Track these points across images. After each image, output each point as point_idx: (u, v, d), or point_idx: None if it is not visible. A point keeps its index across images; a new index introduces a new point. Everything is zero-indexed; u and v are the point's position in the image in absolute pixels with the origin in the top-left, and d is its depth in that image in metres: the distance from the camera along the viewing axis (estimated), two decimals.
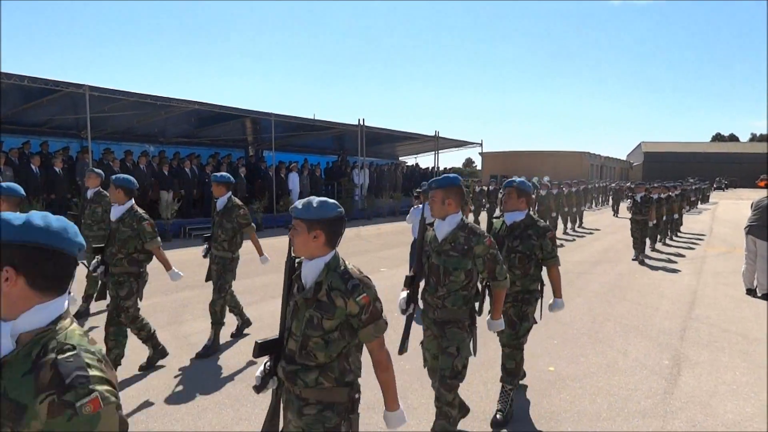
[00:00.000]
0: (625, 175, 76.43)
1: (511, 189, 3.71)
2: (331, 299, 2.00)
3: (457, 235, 3.05)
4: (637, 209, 10.71)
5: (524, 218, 3.71)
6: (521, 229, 3.70)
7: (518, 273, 3.68)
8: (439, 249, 3.11)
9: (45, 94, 12.47)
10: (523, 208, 3.71)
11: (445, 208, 3.06)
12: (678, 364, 4.88)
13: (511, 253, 3.67)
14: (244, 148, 21.63)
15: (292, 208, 2.09)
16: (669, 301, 7.34)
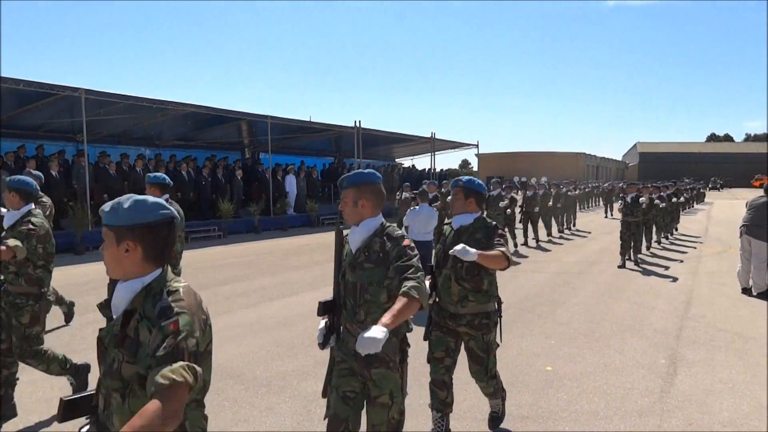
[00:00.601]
0: (621, 175, 76.72)
1: (457, 189, 3.28)
2: (137, 334, 1.49)
3: (373, 242, 2.40)
4: (628, 210, 10.16)
5: (473, 222, 3.27)
6: (469, 234, 3.24)
7: (469, 287, 3.19)
8: (353, 262, 2.42)
9: (41, 97, 12.46)
10: (472, 210, 3.28)
11: (358, 211, 2.44)
12: (674, 363, 4.90)
13: (458, 263, 3.17)
14: (240, 151, 21.63)
15: (100, 211, 1.65)
16: (665, 300, 7.38)
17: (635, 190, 10.56)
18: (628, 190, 10.83)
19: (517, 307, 6.88)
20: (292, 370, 4.64)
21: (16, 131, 14.66)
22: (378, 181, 2.55)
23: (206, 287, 7.97)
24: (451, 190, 3.36)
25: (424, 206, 7.14)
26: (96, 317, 6.32)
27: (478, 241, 3.15)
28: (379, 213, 2.52)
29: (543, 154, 66.52)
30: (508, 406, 3.93)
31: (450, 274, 3.23)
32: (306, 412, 3.84)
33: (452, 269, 3.21)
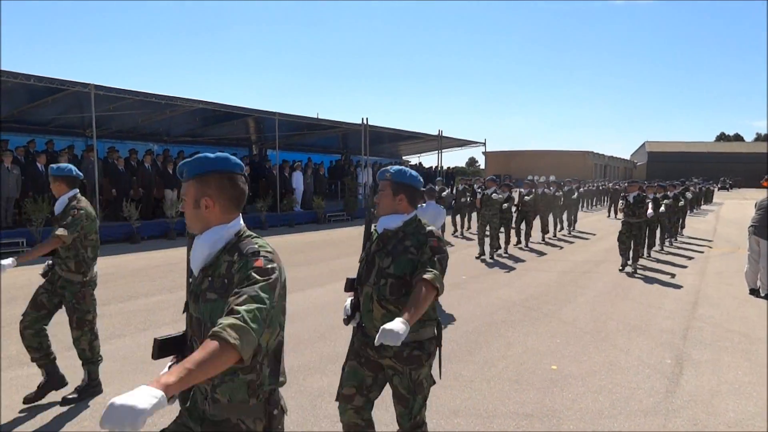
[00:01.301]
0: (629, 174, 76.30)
1: (384, 183, 2.59)
2: None
3: (219, 261, 1.72)
4: (630, 210, 9.53)
5: (403, 225, 2.55)
6: (397, 241, 2.54)
7: (395, 310, 2.44)
8: (196, 289, 1.76)
9: (51, 93, 12.55)
10: (403, 209, 2.56)
11: (201, 215, 1.74)
12: (680, 363, 4.89)
13: (380, 279, 2.50)
14: (248, 147, 21.72)
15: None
16: (672, 300, 7.35)
17: (637, 188, 9.89)
18: (630, 188, 10.00)
19: (523, 306, 6.89)
20: (298, 366, 4.67)
21: (26, 126, 14.81)
22: (231, 169, 1.78)
23: None
24: (379, 182, 2.65)
25: (431, 204, 7.12)
26: (106, 311, 6.38)
27: (406, 251, 2.48)
28: (234, 217, 1.77)
29: (550, 153, 66.28)
30: (513, 404, 3.95)
31: (371, 292, 2.53)
32: (312, 407, 3.87)
33: (374, 286, 2.52)
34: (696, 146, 79.74)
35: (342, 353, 4.98)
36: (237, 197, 1.78)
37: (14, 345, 5.15)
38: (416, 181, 2.62)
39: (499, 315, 6.44)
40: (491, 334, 5.67)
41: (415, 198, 2.62)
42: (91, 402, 3.92)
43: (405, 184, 2.58)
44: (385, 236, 2.59)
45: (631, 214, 9.50)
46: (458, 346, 5.24)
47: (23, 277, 8.50)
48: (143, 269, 8.95)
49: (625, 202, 9.71)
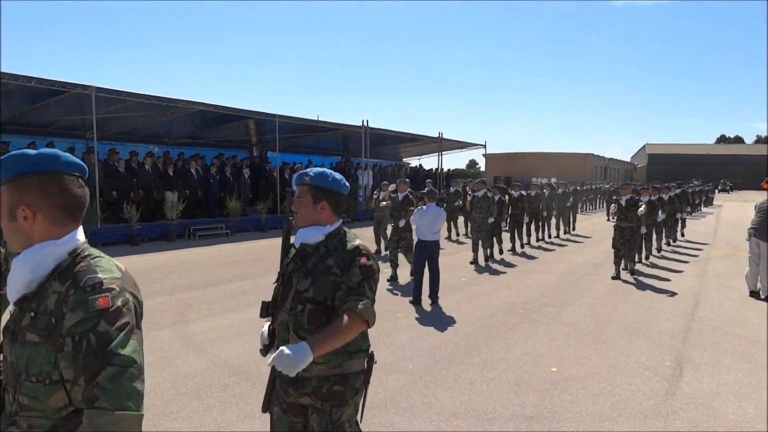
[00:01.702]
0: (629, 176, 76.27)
1: (303, 188, 2.17)
2: None
3: (45, 290, 1.31)
4: (622, 214, 9.04)
5: (326, 239, 2.14)
6: (318, 258, 2.12)
7: None
8: (15, 327, 1.33)
9: (51, 95, 12.58)
10: (325, 219, 2.15)
11: (19, 229, 1.34)
12: (680, 365, 4.89)
13: (297, 304, 2.08)
14: (248, 149, 21.73)
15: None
16: (672, 302, 7.35)
17: (630, 191, 9.41)
18: (623, 191, 9.45)
19: (523, 308, 6.89)
20: None
21: (27, 128, 14.83)
22: (59, 169, 1.35)
23: (213, 284, 8.03)
24: (296, 187, 2.23)
25: (431, 206, 7.14)
26: None
27: (328, 271, 2.07)
28: (67, 231, 1.36)
29: (550, 155, 66.25)
30: (513, 407, 3.95)
31: (287, 320, 2.10)
32: None
33: (290, 313, 2.09)
34: (696, 148, 79.77)
35: None
36: (70, 205, 1.34)
37: None
38: (341, 185, 2.21)
39: (499, 317, 6.45)
40: (491, 337, 5.68)
41: (340, 205, 2.21)
42: None
43: (327, 189, 2.16)
44: (303, 252, 2.16)
45: (624, 219, 9.05)
46: (458, 349, 5.24)
47: None
48: (144, 271, 8.96)
49: (618, 205, 9.23)
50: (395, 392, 4.18)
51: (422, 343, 5.43)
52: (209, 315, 6.41)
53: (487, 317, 6.44)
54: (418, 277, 6.98)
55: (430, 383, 4.37)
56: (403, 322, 6.22)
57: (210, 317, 6.32)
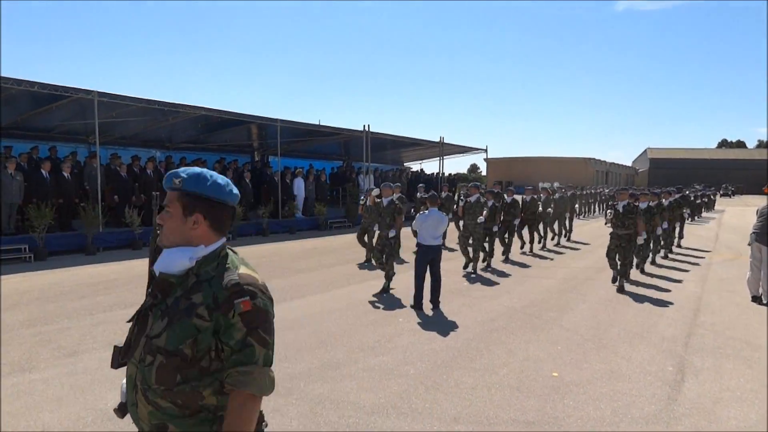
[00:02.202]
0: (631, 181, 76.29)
1: (171, 194, 1.61)
2: None
3: None
4: (619, 221, 8.55)
5: (197, 266, 1.57)
6: (182, 293, 1.55)
7: (167, 407, 1.50)
8: None
9: (55, 99, 12.63)
10: (199, 238, 1.59)
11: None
12: (682, 370, 4.88)
13: (147, 354, 1.53)
14: (250, 154, 21.78)
15: None
16: (673, 307, 7.34)
17: (628, 196, 8.88)
18: (619, 196, 8.95)
19: (524, 313, 6.88)
20: (299, 372, 4.67)
21: (29, 133, 14.90)
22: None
23: None
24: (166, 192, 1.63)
25: (433, 210, 7.12)
26: (108, 317, 6.40)
27: (191, 311, 1.49)
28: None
29: (551, 159, 66.30)
30: (514, 412, 3.94)
31: (134, 375, 1.55)
32: (312, 414, 3.86)
33: (138, 365, 1.54)
34: (698, 153, 79.79)
35: (343, 360, 5.00)
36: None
37: (15, 351, 5.16)
38: (223, 192, 1.61)
39: (500, 322, 6.44)
40: (492, 341, 5.67)
41: (222, 220, 1.62)
42: (93, 408, 3.92)
43: (204, 196, 1.58)
44: (164, 283, 1.57)
45: (621, 225, 8.56)
46: (459, 353, 5.24)
47: (26, 283, 8.52)
48: (144, 275, 8.90)
49: (614, 211, 8.69)
50: (396, 397, 4.17)
51: (423, 347, 5.42)
52: None
53: (488, 322, 6.43)
54: (419, 281, 6.96)
55: (431, 388, 4.37)
56: (404, 326, 6.21)
57: None
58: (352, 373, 4.66)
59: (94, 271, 9.47)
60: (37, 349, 5.19)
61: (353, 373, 4.68)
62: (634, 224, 8.53)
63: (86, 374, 4.56)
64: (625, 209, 8.56)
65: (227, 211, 1.66)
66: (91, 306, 6.93)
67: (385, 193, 8.36)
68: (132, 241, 12.34)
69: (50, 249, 10.95)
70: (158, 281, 1.60)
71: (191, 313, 1.49)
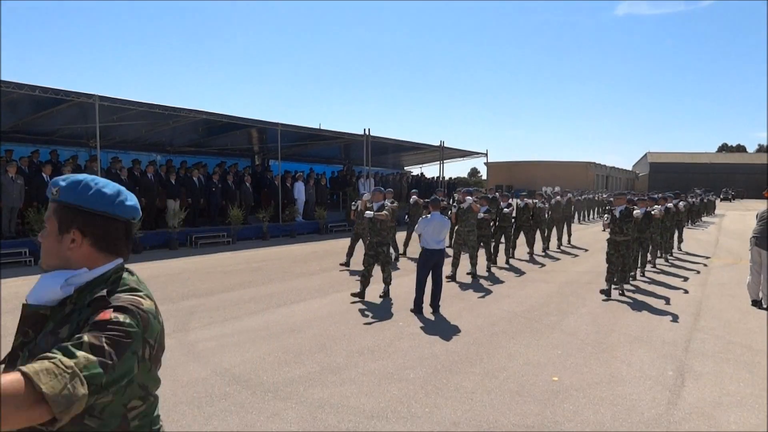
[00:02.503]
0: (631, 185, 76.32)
1: (50, 206, 1.36)
2: None
3: None
4: (617, 227, 8.30)
5: (76, 294, 1.31)
6: (53, 326, 1.28)
7: None
8: None
9: (55, 103, 12.65)
10: (79, 260, 1.34)
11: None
12: (682, 374, 4.88)
13: None
14: (250, 158, 21.80)
15: None
16: (674, 311, 7.33)
17: (625, 201, 8.53)
18: (617, 201, 8.62)
19: (524, 317, 6.88)
20: (298, 376, 4.67)
21: (30, 136, 14.91)
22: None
23: (214, 293, 8.03)
24: None
25: (435, 214, 7.14)
26: None
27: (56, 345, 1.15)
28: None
29: (552, 164, 66.39)
30: (514, 416, 3.94)
31: None
32: (312, 419, 3.86)
33: None
34: (698, 157, 79.79)
35: (343, 364, 5.00)
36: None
37: None
38: (110, 203, 1.35)
39: (501, 326, 6.44)
40: (492, 345, 5.67)
41: (111, 236, 1.38)
42: None
43: (83, 209, 1.32)
44: (33, 317, 1.32)
45: (618, 231, 8.26)
46: (459, 357, 5.23)
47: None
48: (145, 279, 8.89)
49: (611, 216, 8.43)
50: (396, 401, 4.17)
51: (423, 351, 5.42)
52: (210, 323, 6.41)
53: (488, 326, 6.43)
54: (421, 285, 6.96)
55: (431, 392, 4.37)
56: (403, 330, 6.21)
57: (211, 325, 6.32)
58: (351, 378, 4.65)
59: None
60: None
61: (353, 377, 4.67)
62: (632, 230, 8.37)
63: None
64: (622, 215, 8.27)
65: (117, 226, 1.37)
66: None
67: (376, 198, 8.05)
68: (133, 244, 12.34)
69: None
70: (26, 315, 1.31)
71: None
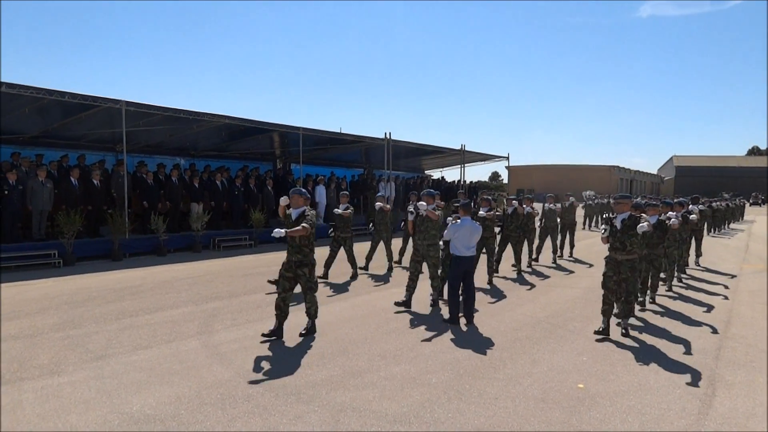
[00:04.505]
0: (656, 189, 74.91)
1: None
2: None
3: None
4: (618, 242, 6.18)
5: None
6: None
7: None
8: None
9: (84, 109, 12.95)
10: None
11: None
12: (713, 384, 4.74)
13: None
14: (272, 161, 21.99)
15: None
16: (703, 319, 7.15)
17: (628, 207, 6.31)
18: (618, 207, 6.34)
19: (548, 323, 6.78)
20: (321, 379, 4.67)
21: (59, 141, 15.29)
22: None
23: (237, 295, 8.10)
24: None
25: (466, 219, 6.76)
26: (133, 322, 6.50)
27: None
28: None
29: (574, 167, 65.55)
30: (539, 423, 3.87)
31: None
32: (335, 422, 3.85)
33: None
34: (727, 160, 77.96)
35: (365, 368, 4.98)
36: None
37: (44, 354, 5.27)
38: None
39: (524, 331, 6.35)
40: (516, 351, 5.59)
41: None
42: (119, 411, 3.97)
43: None
44: None
45: (620, 248, 6.18)
46: (482, 363, 5.18)
47: (56, 288, 8.71)
48: (169, 281, 9.09)
49: (610, 228, 6.30)
50: (418, 406, 4.14)
51: (446, 356, 5.38)
52: (233, 325, 6.47)
53: (511, 331, 6.35)
54: (454, 295, 6.72)
55: (453, 397, 4.32)
56: (425, 335, 6.17)
57: (234, 327, 6.37)
58: (374, 381, 4.64)
59: (120, 277, 9.64)
60: (65, 353, 5.30)
61: (375, 381, 4.66)
62: (638, 245, 6.39)
63: (113, 378, 4.63)
64: (625, 225, 6.18)
65: None
66: (117, 311, 7.05)
67: (295, 202, 5.95)
68: (157, 247, 12.54)
69: (79, 255, 11.19)
70: None
71: None
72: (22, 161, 12.43)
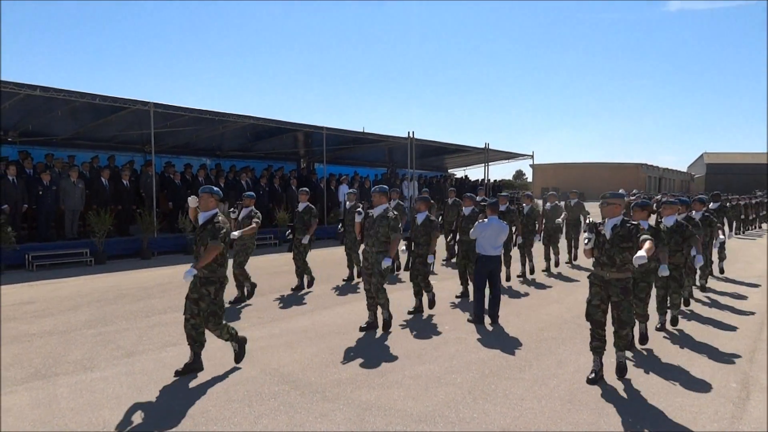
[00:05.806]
0: (686, 187, 73.12)
1: None
2: None
3: None
4: (606, 257, 4.69)
5: None
6: None
7: None
8: None
9: (114, 111, 13.26)
10: None
11: None
12: (747, 387, 4.61)
13: None
14: (296, 161, 22.17)
15: None
16: (737, 320, 6.95)
17: (619, 211, 4.74)
18: (607, 210, 4.77)
19: (575, 323, 6.68)
20: (346, 378, 4.70)
21: (90, 142, 15.69)
22: None
23: (262, 294, 8.20)
24: None
25: (492, 218, 6.67)
26: (162, 319, 6.63)
27: None
28: None
29: (601, 165, 64.38)
30: (566, 425, 3.82)
31: None
32: (360, 420, 3.87)
33: None
34: (759, 157, 75.35)
35: (390, 367, 4.99)
36: None
37: (78, 350, 5.41)
38: None
39: (550, 332, 6.27)
40: (541, 352, 5.53)
41: None
42: (150, 407, 4.06)
43: None
44: None
45: (609, 263, 4.66)
46: (508, 363, 5.13)
47: (88, 286, 8.94)
48: None
49: (595, 236, 4.77)
50: (443, 405, 4.13)
51: (470, 356, 5.35)
52: (259, 323, 6.54)
53: (536, 331, 6.28)
54: (480, 294, 6.67)
55: (478, 397, 4.30)
56: (450, 335, 6.15)
57: (260, 325, 6.44)
58: (398, 381, 4.64)
59: (149, 275, 9.84)
60: (97, 349, 5.44)
61: (399, 380, 4.66)
62: (632, 259, 4.39)
63: (143, 374, 4.73)
64: (617, 235, 4.62)
65: None
66: (147, 308, 7.21)
67: (205, 203, 5.67)
68: (185, 245, 12.77)
69: (109, 253, 11.48)
70: None
71: None
72: (55, 162, 12.82)
